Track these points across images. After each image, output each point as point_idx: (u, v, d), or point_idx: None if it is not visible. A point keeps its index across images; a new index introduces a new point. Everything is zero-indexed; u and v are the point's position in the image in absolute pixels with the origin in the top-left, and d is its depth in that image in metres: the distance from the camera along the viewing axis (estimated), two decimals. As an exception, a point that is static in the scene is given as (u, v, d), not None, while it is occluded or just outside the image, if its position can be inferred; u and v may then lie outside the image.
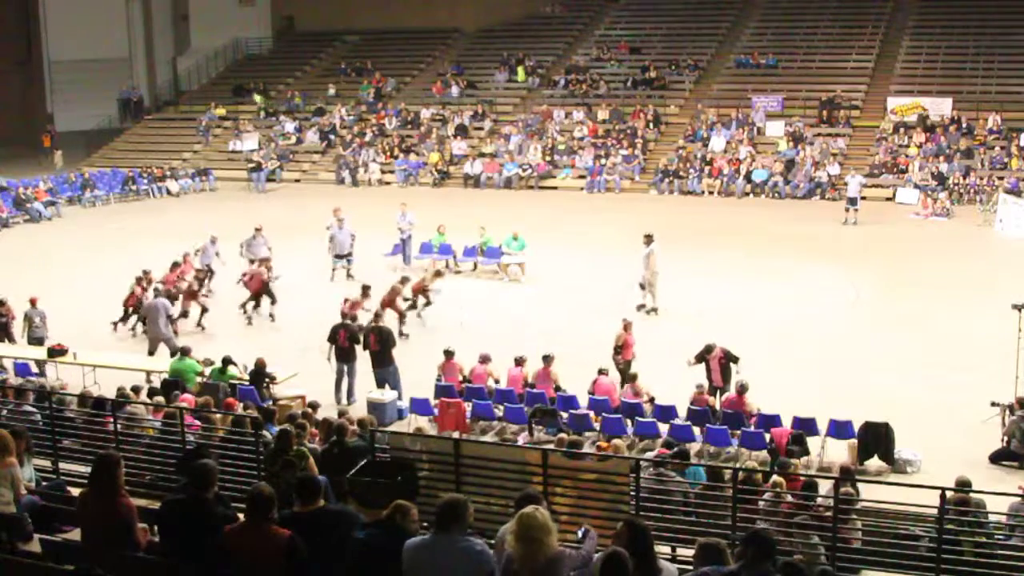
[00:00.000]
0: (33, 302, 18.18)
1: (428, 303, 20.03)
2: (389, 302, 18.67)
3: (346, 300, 18.18)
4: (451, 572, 5.85)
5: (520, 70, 41.82)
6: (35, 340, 17.82)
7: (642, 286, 20.28)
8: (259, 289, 20.36)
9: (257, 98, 43.56)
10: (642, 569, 5.86)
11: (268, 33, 49.68)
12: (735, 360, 15.14)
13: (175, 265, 20.78)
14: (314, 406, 13.92)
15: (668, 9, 44.94)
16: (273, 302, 20.43)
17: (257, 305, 20.46)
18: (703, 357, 15.28)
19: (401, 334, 18.40)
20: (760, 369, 15.37)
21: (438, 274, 20.96)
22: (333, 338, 16.16)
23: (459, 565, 5.83)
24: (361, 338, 16.07)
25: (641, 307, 20.14)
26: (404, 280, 19.55)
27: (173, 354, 16.57)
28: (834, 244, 26.16)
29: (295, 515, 6.56)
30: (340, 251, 23.37)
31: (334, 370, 16.02)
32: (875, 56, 38.98)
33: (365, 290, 18.53)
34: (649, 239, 20.08)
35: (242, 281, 20.82)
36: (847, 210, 28.63)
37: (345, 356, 16.06)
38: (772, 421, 13.51)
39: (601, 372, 14.94)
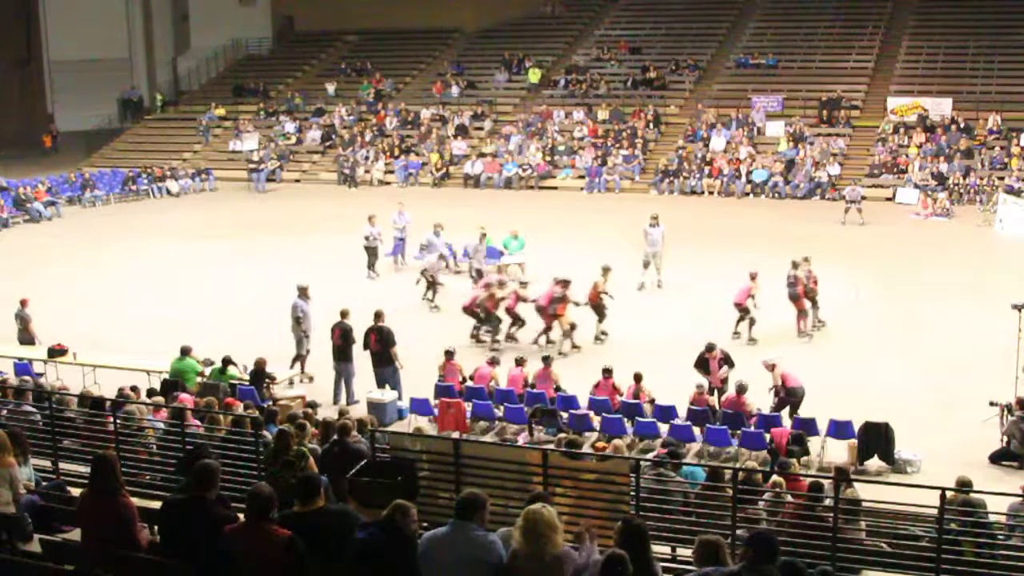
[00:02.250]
0: (24, 303, 18.22)
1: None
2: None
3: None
4: (462, 558, 6.00)
5: (532, 72, 41.54)
6: (25, 341, 17.87)
7: (645, 264, 21.40)
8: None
9: (159, 98, 43.62)
10: (637, 569, 5.86)
11: (268, 33, 49.69)
12: (731, 365, 15.16)
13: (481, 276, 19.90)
14: (313, 406, 13.93)
15: (668, 9, 44.94)
16: (573, 327, 18.11)
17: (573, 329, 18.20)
18: (703, 357, 15.28)
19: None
20: (760, 369, 15.35)
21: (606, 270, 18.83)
22: (332, 336, 16.16)
23: (469, 552, 6.00)
24: (356, 337, 16.05)
25: (656, 284, 21.41)
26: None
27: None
28: (834, 244, 26.12)
29: (295, 515, 6.56)
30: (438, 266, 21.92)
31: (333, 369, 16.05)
32: (875, 56, 38.97)
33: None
34: (656, 220, 21.56)
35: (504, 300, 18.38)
36: (846, 211, 28.64)
37: (339, 355, 16.04)
38: (772, 421, 13.52)
39: (605, 373, 14.91)
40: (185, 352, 15.33)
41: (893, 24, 40.47)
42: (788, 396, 14.39)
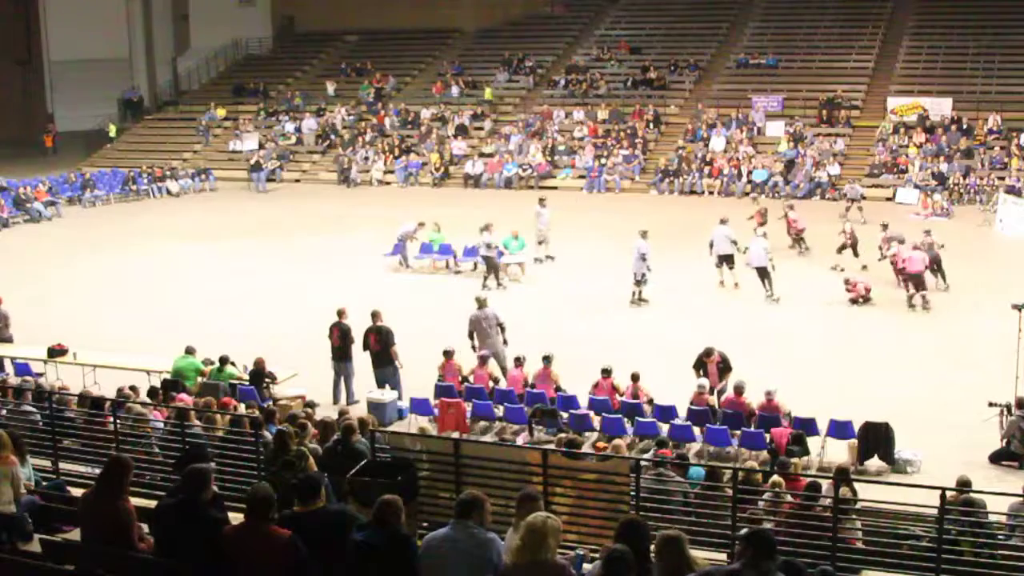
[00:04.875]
0: None
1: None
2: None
3: None
4: (462, 556, 6.09)
5: (487, 90, 41.13)
6: (2, 340, 17.86)
7: (540, 242, 24.16)
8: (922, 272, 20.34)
9: (113, 128, 43.43)
10: (641, 568, 5.86)
11: (268, 33, 49.67)
12: (729, 369, 15.14)
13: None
14: (312, 406, 13.91)
15: (668, 9, 44.96)
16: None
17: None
18: (701, 361, 15.27)
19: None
20: (760, 369, 15.36)
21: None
22: (331, 336, 16.16)
23: (469, 550, 6.10)
24: (355, 337, 16.04)
25: (545, 259, 24.11)
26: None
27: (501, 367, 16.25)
28: (834, 244, 26.09)
29: (295, 515, 6.56)
30: (643, 268, 20.40)
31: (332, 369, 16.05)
32: (875, 56, 38.97)
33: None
34: (543, 201, 24.81)
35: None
36: (847, 209, 28.63)
37: (338, 355, 16.03)
38: (772, 421, 13.51)
39: (605, 373, 14.89)
40: (189, 351, 15.33)
41: (893, 24, 40.47)
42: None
